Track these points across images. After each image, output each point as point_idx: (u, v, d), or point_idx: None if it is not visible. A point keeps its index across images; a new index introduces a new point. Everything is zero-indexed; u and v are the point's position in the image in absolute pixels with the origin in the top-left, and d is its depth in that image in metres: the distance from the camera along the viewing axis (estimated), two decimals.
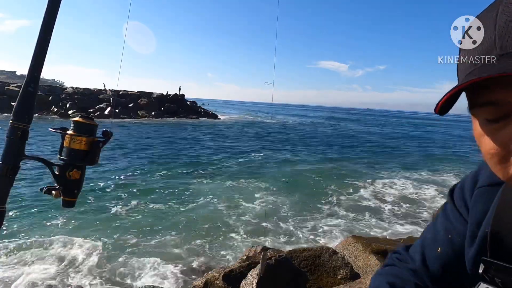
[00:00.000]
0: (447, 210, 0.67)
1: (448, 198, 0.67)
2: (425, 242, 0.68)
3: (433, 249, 0.65)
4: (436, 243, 0.65)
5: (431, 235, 0.68)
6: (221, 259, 5.62)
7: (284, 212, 7.96)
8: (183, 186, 9.79)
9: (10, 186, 0.77)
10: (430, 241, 0.67)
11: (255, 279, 3.39)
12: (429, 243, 0.67)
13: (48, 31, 0.79)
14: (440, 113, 0.44)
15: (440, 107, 0.43)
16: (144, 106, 35.43)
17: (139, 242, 6.06)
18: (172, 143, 18.71)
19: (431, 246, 0.66)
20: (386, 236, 6.60)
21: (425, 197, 9.87)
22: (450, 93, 0.40)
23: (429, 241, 0.67)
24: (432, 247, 0.65)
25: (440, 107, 0.43)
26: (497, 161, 0.41)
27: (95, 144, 0.86)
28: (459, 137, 35.22)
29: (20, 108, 0.77)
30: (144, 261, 5.38)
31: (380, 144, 24.30)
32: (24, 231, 6.20)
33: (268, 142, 21.77)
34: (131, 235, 6.30)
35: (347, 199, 9.30)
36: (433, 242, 0.66)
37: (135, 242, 6.05)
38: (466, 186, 0.63)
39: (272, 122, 44.12)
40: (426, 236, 0.69)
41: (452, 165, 16.00)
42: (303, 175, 12.09)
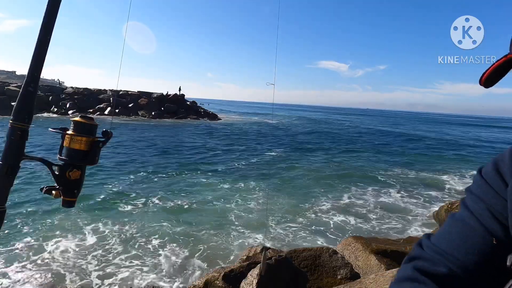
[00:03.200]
0: (480, 195, 0.54)
1: (480, 180, 0.56)
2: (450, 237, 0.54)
3: (475, 244, 0.51)
4: (478, 235, 0.51)
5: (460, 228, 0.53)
6: (221, 259, 5.62)
7: (284, 212, 7.95)
8: (183, 186, 9.79)
9: (10, 186, 0.77)
10: (465, 235, 0.52)
11: (255, 279, 3.39)
12: (465, 236, 0.52)
13: (48, 31, 0.79)
14: (485, 84, 0.41)
15: (486, 77, 0.40)
16: (144, 106, 35.41)
17: (139, 242, 6.06)
18: (171, 143, 18.70)
19: (470, 240, 0.51)
20: (386, 236, 6.60)
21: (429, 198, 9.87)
22: (498, 63, 0.37)
23: (461, 234, 0.53)
24: (473, 241, 0.51)
25: (486, 77, 0.40)
26: None
27: (95, 144, 0.86)
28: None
29: (20, 108, 0.77)
30: (144, 261, 5.38)
31: None
32: (24, 231, 6.20)
33: (269, 142, 21.77)
34: (131, 235, 6.30)
35: (347, 199, 9.29)
36: (472, 236, 0.51)
37: (135, 242, 6.05)
38: (503, 167, 0.52)
39: (272, 122, 44.11)
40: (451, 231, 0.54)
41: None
42: (304, 175, 12.08)
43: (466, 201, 0.56)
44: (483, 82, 0.41)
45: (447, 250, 0.52)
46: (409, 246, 4.94)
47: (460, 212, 0.56)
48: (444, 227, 0.56)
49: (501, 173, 0.52)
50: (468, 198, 0.56)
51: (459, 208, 0.57)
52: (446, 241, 0.54)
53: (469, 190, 0.57)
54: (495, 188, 0.52)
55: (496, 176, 0.53)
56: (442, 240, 0.55)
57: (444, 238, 0.55)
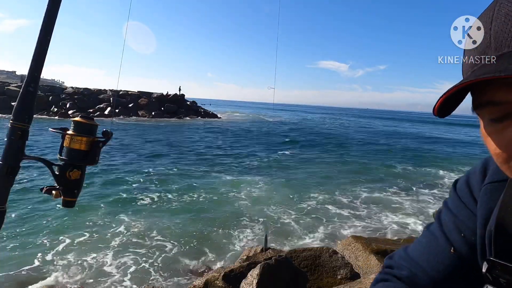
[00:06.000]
0: (451, 207, 0.60)
1: (452, 193, 0.61)
2: (419, 246, 0.61)
3: (436, 253, 0.57)
4: (439, 245, 0.57)
5: (428, 238, 0.60)
6: (221, 259, 5.62)
7: (285, 211, 7.96)
8: (182, 186, 9.79)
9: (10, 186, 0.77)
10: (430, 244, 0.59)
11: (255, 279, 3.39)
12: (429, 246, 0.59)
13: (48, 31, 0.79)
14: (440, 115, 0.43)
15: (439, 108, 0.41)
16: (144, 106, 35.43)
17: (139, 242, 6.06)
18: (171, 142, 18.70)
19: (433, 249, 0.58)
20: (386, 236, 6.60)
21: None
22: (448, 93, 0.39)
23: (427, 244, 0.60)
24: (436, 250, 0.58)
25: (439, 108, 0.41)
26: (503, 160, 0.41)
27: (95, 144, 0.86)
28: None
29: (20, 108, 0.77)
30: (143, 262, 5.38)
31: None
32: (24, 231, 6.20)
33: (269, 141, 21.77)
34: (130, 235, 6.30)
35: (348, 199, 9.29)
36: (435, 245, 0.58)
37: (134, 242, 6.05)
38: (473, 180, 0.57)
39: (273, 121, 44.14)
40: (421, 241, 0.62)
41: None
42: (304, 174, 12.08)
43: (440, 214, 0.62)
44: (436, 112, 0.43)
45: (414, 257, 0.60)
46: None
47: (433, 224, 0.62)
48: (418, 238, 0.64)
49: (470, 186, 0.57)
50: (443, 211, 0.61)
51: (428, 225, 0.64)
52: (415, 250, 0.62)
53: (445, 203, 0.63)
54: (465, 201, 0.57)
55: (466, 189, 0.58)
56: (413, 249, 0.63)
57: (415, 247, 0.63)
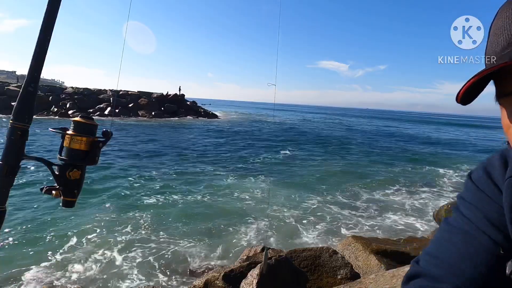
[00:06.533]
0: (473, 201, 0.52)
1: (471, 185, 0.54)
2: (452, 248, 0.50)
3: (477, 255, 0.47)
4: (482, 244, 0.47)
5: (461, 237, 0.50)
6: (221, 259, 5.61)
7: (285, 211, 7.95)
8: (182, 186, 9.78)
9: (10, 186, 0.77)
10: (465, 246, 0.48)
11: (255, 279, 3.39)
12: (465, 248, 0.48)
13: (48, 31, 0.79)
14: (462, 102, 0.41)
15: (463, 95, 0.39)
16: (144, 106, 35.41)
17: (139, 242, 6.05)
18: (171, 143, 18.69)
19: (470, 251, 0.48)
20: (386, 236, 6.59)
21: None
22: (474, 79, 0.37)
23: (463, 245, 0.49)
24: (474, 253, 0.47)
25: (463, 95, 0.39)
26: None
27: (95, 144, 0.86)
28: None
29: (20, 108, 0.77)
30: (143, 262, 5.38)
31: None
32: (24, 231, 6.20)
33: (270, 141, 21.76)
34: (130, 236, 6.30)
35: (348, 199, 9.29)
36: (474, 246, 0.48)
37: (134, 242, 6.05)
38: (495, 173, 0.51)
39: (273, 121, 44.11)
40: (452, 241, 0.50)
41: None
42: (304, 174, 12.08)
43: (460, 209, 0.53)
44: (459, 99, 0.41)
45: (451, 261, 0.48)
46: (409, 246, 4.94)
47: (457, 220, 0.52)
48: (442, 236, 0.53)
49: (493, 179, 0.51)
50: (462, 205, 0.53)
51: (453, 215, 0.55)
52: (449, 252, 0.50)
53: (461, 197, 0.55)
54: (489, 194, 0.50)
55: (488, 181, 0.51)
56: (443, 250, 0.51)
57: (445, 248, 0.51)
